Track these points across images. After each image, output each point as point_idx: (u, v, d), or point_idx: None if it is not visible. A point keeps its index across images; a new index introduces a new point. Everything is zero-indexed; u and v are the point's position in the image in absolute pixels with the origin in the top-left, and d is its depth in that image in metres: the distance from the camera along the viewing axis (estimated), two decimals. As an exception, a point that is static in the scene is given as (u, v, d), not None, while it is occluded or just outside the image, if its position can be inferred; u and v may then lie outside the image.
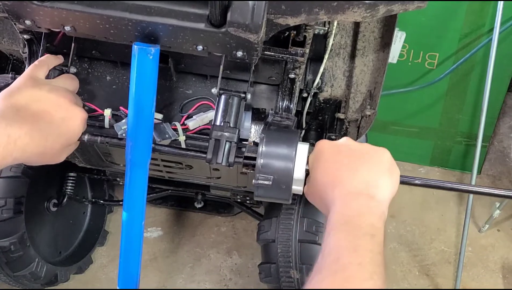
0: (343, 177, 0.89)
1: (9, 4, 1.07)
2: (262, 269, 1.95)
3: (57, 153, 1.04)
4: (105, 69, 1.43)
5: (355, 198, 0.86)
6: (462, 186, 1.03)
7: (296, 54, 1.28)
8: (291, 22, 1.09)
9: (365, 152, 0.92)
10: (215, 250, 2.58)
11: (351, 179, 0.88)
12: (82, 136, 1.26)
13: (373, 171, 0.90)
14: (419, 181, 0.98)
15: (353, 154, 0.91)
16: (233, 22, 1.02)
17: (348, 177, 0.88)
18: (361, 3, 1.04)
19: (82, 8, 1.06)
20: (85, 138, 1.27)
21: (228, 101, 1.23)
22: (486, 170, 3.09)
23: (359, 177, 0.89)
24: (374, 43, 1.53)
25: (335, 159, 0.91)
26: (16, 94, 0.99)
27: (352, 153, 0.92)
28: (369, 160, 0.91)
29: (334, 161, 0.91)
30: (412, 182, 0.98)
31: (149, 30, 1.09)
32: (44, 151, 0.98)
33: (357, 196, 0.86)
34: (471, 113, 2.87)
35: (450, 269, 2.63)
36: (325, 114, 1.70)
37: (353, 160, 0.91)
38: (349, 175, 0.89)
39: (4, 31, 1.55)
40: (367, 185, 0.88)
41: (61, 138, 1.02)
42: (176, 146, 1.31)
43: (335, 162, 0.91)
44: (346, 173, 0.89)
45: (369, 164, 0.90)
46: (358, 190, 0.87)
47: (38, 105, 0.99)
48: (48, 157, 1.02)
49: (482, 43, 2.58)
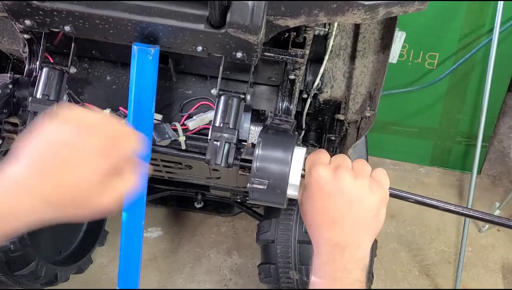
0: (329, 227, 0.91)
1: (9, 4, 1.07)
2: (261, 269, 1.95)
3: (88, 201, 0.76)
4: (105, 69, 1.43)
5: (341, 253, 0.89)
6: (457, 209, 1.01)
7: (296, 56, 1.28)
8: (291, 24, 1.09)
9: (355, 197, 0.91)
10: (215, 250, 2.58)
11: (337, 232, 0.90)
12: None
13: (358, 222, 0.91)
14: (412, 197, 0.98)
15: (342, 201, 0.90)
16: (232, 23, 1.02)
17: (335, 230, 0.90)
18: (361, 5, 1.04)
19: (82, 9, 1.06)
20: None
21: (228, 102, 1.23)
22: (486, 170, 3.08)
23: (345, 231, 0.90)
24: (374, 44, 1.53)
25: (325, 202, 0.91)
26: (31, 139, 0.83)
27: (342, 199, 0.90)
28: (357, 209, 0.90)
29: (324, 203, 0.91)
30: (407, 198, 0.97)
31: (149, 30, 1.09)
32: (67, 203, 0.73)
33: (343, 251, 0.89)
34: (471, 113, 2.87)
35: (450, 269, 2.63)
36: (325, 115, 1.70)
37: (341, 209, 0.90)
38: (335, 228, 0.90)
39: (4, 30, 1.55)
40: (352, 239, 0.90)
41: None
42: (176, 147, 1.31)
43: (324, 206, 0.91)
44: (332, 224, 0.91)
45: (356, 214, 0.91)
46: (344, 244, 0.89)
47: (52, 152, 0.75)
48: (78, 208, 0.77)
49: (482, 43, 2.58)
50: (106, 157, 0.72)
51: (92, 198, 0.73)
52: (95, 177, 0.72)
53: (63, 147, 0.70)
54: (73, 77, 1.35)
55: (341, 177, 0.90)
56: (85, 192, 0.72)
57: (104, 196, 0.74)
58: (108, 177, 0.73)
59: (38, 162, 0.69)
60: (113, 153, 0.73)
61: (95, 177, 0.72)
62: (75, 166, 0.70)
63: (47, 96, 1.24)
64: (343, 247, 0.89)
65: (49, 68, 1.25)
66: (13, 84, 1.31)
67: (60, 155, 0.70)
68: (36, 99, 1.23)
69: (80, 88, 1.41)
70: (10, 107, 1.31)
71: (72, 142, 0.70)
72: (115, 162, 0.74)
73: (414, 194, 0.96)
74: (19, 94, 1.32)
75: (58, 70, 1.26)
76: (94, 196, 0.73)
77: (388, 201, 0.94)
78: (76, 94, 1.37)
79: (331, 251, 0.89)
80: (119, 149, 0.74)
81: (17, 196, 0.69)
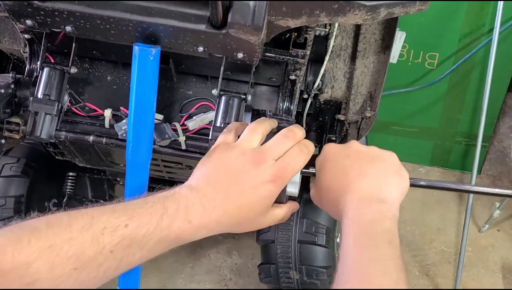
0: (353, 182, 0.88)
1: (10, 4, 1.07)
2: (261, 269, 1.95)
3: (253, 222, 0.88)
4: (106, 69, 1.43)
5: (368, 204, 0.85)
6: (464, 186, 1.03)
7: (297, 56, 1.28)
8: (292, 24, 1.09)
9: (373, 155, 0.91)
10: (215, 250, 2.58)
11: (361, 184, 0.87)
12: (88, 138, 1.27)
13: (382, 175, 0.89)
14: (425, 182, 0.98)
15: (361, 158, 0.90)
16: (234, 23, 1.02)
17: (358, 182, 0.87)
18: (362, 6, 1.04)
19: (83, 9, 1.06)
20: (90, 139, 1.28)
21: (229, 102, 1.23)
22: (486, 170, 3.09)
23: (369, 181, 0.88)
24: (375, 45, 1.53)
25: (343, 163, 0.90)
26: (207, 161, 0.89)
27: (360, 157, 0.90)
28: (378, 163, 0.90)
29: (343, 165, 0.90)
30: (418, 183, 0.98)
31: (150, 31, 1.09)
32: (238, 222, 0.86)
33: (369, 202, 0.85)
34: (471, 113, 2.87)
35: (450, 269, 2.63)
36: (325, 115, 1.70)
37: (362, 163, 0.89)
38: (358, 180, 0.87)
39: (5, 30, 1.55)
40: (377, 189, 0.87)
41: (254, 207, 0.86)
42: (176, 147, 1.31)
43: (344, 167, 0.90)
44: (355, 178, 0.88)
45: (377, 168, 0.89)
46: (369, 196, 0.86)
47: (226, 173, 0.85)
48: (245, 226, 0.88)
49: (482, 43, 2.58)
50: (276, 184, 0.85)
51: (260, 218, 0.87)
52: (267, 202, 0.86)
53: (243, 176, 0.84)
54: (74, 77, 1.35)
55: (354, 144, 0.94)
56: (257, 213, 0.86)
57: (266, 219, 0.89)
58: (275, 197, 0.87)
59: (223, 185, 0.83)
60: (282, 181, 0.86)
61: (267, 201, 0.86)
62: (252, 191, 0.84)
63: (48, 96, 1.24)
64: (368, 199, 0.86)
65: (50, 68, 1.25)
66: (15, 84, 1.31)
67: (241, 182, 0.84)
68: (37, 99, 1.23)
69: (81, 88, 1.41)
70: (12, 107, 1.31)
71: (250, 172, 0.84)
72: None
73: (422, 179, 0.97)
74: (21, 94, 1.32)
75: (59, 70, 1.26)
76: (261, 217, 0.87)
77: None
78: (77, 94, 1.37)
79: (357, 206, 0.85)
80: (287, 176, 0.87)
81: (208, 212, 0.81)
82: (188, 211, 0.80)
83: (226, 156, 0.87)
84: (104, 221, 0.74)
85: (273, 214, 0.89)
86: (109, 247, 0.73)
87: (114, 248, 0.73)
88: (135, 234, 0.75)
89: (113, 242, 0.73)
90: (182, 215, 0.79)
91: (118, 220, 0.75)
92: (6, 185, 1.86)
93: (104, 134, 1.30)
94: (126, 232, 0.74)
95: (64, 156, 1.66)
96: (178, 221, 0.79)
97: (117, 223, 0.75)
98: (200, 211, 0.81)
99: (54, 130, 1.25)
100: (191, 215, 0.80)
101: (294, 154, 0.88)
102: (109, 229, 0.74)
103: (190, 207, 0.80)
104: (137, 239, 0.75)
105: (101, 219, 0.74)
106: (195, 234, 0.82)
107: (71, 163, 1.74)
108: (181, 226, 0.79)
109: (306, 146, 0.91)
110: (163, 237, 0.78)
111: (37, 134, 1.23)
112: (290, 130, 0.91)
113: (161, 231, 0.77)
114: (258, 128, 0.91)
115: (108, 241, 0.73)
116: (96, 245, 0.72)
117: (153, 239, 0.77)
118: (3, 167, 1.87)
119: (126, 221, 0.75)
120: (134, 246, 0.75)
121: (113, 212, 0.76)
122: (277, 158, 0.87)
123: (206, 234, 0.83)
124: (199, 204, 0.81)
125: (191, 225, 0.80)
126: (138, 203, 0.79)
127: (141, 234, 0.76)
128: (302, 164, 0.89)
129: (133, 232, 0.75)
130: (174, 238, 0.79)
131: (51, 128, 1.25)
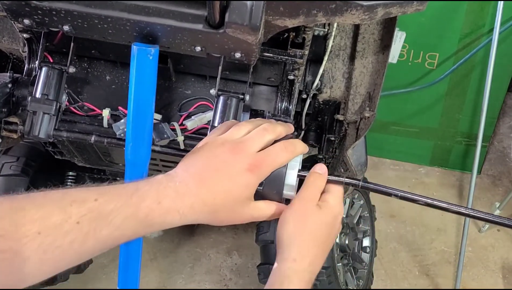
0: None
1: (8, 3, 1.07)
2: (261, 270, 1.95)
3: (231, 211, 0.87)
4: (104, 69, 1.43)
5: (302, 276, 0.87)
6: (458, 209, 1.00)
7: (295, 56, 1.28)
8: (290, 24, 1.09)
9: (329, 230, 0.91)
10: (215, 250, 2.58)
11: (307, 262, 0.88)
12: (90, 138, 1.27)
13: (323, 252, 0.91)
14: (422, 200, 0.96)
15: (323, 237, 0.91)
16: (231, 23, 1.02)
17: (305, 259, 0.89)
18: (359, 6, 1.04)
19: (81, 8, 1.06)
20: (92, 140, 1.28)
21: (227, 102, 1.23)
22: (486, 170, 3.09)
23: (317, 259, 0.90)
24: (374, 45, 1.53)
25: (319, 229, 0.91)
26: (189, 153, 0.90)
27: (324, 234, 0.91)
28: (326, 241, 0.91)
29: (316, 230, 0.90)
30: (415, 200, 0.96)
31: (147, 30, 1.09)
32: (214, 209, 0.85)
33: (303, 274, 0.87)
34: (471, 113, 2.87)
35: (450, 269, 2.63)
36: (324, 115, 1.70)
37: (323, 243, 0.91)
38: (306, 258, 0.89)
39: (4, 30, 1.55)
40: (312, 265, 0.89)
41: (230, 195, 0.85)
42: (174, 146, 1.31)
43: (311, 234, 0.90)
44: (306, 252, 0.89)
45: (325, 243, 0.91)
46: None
47: (203, 161, 0.86)
48: (223, 216, 0.87)
49: (482, 43, 2.58)
50: (254, 174, 0.85)
51: (238, 208, 0.85)
52: (245, 191, 0.85)
53: (220, 163, 0.84)
54: (72, 76, 1.35)
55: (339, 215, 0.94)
56: (234, 202, 0.84)
57: (246, 211, 0.86)
58: (255, 189, 0.86)
59: (199, 171, 0.83)
60: (260, 172, 0.86)
61: (245, 190, 0.85)
62: (228, 178, 0.83)
63: (47, 95, 1.24)
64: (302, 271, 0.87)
65: (48, 67, 1.25)
66: (12, 83, 1.31)
67: (217, 169, 0.83)
68: (36, 99, 1.23)
69: (80, 87, 1.41)
70: (10, 106, 1.32)
71: (227, 159, 0.84)
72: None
73: (423, 196, 0.95)
74: (19, 93, 1.32)
75: (58, 70, 1.26)
76: (240, 207, 0.86)
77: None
78: (76, 93, 1.37)
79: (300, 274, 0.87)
80: (266, 168, 0.86)
81: (180, 196, 0.81)
82: (160, 193, 0.79)
83: (207, 147, 0.87)
84: (74, 195, 0.75)
85: (255, 206, 0.88)
86: (76, 218, 0.73)
87: (81, 219, 0.73)
88: (103, 208, 0.75)
89: (80, 213, 0.73)
90: (153, 195, 0.79)
91: (88, 194, 0.75)
92: (6, 184, 1.86)
93: (102, 134, 1.30)
94: (94, 205, 0.74)
95: (63, 155, 1.66)
96: (147, 200, 0.78)
97: (87, 196, 0.75)
98: (172, 194, 0.80)
99: (52, 130, 1.25)
100: (161, 196, 0.79)
101: (276, 149, 0.88)
102: (78, 201, 0.74)
103: (162, 190, 0.80)
104: (104, 213, 0.75)
105: (72, 193, 0.75)
106: (165, 217, 0.80)
107: (71, 162, 1.74)
108: (150, 206, 0.78)
109: (294, 144, 0.91)
110: (131, 214, 0.77)
111: (35, 134, 1.23)
112: (270, 124, 0.92)
113: (129, 207, 0.77)
114: (245, 124, 0.92)
115: (76, 212, 0.73)
116: (63, 214, 0.72)
117: (121, 215, 0.76)
118: (3, 166, 1.87)
119: (96, 196, 0.75)
120: (101, 220, 0.75)
121: (87, 190, 0.77)
122: (258, 150, 0.87)
123: (179, 221, 0.82)
124: (172, 188, 0.81)
125: (161, 206, 0.79)
126: (113, 184, 0.80)
127: (109, 209, 0.75)
128: (283, 161, 0.89)
129: (101, 205, 0.75)
130: (142, 218, 0.78)
131: (49, 128, 1.25)
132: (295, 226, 0.88)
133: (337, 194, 0.93)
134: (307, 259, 0.86)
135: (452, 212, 0.93)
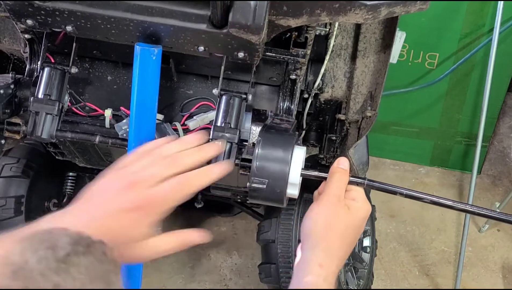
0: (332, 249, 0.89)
1: (11, 4, 1.07)
2: (262, 269, 1.95)
3: (124, 253, 0.82)
4: (106, 69, 1.43)
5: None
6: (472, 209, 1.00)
7: (298, 55, 1.28)
8: (293, 24, 1.09)
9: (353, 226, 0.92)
10: (215, 250, 2.58)
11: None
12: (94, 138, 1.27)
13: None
14: (427, 198, 0.97)
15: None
16: (234, 23, 1.02)
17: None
18: (363, 5, 1.04)
19: (84, 8, 1.06)
20: (96, 140, 1.27)
21: (229, 102, 1.23)
22: (486, 170, 3.09)
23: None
24: (375, 44, 1.53)
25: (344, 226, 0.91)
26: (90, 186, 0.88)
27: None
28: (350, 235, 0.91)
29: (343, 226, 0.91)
30: (420, 198, 0.97)
31: (150, 30, 1.09)
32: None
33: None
34: (471, 113, 2.87)
35: (450, 269, 2.63)
36: (325, 115, 1.70)
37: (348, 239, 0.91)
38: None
39: (5, 30, 1.55)
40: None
41: (115, 234, 0.80)
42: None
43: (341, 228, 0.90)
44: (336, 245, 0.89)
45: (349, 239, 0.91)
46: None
47: (99, 200, 0.83)
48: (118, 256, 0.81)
49: (482, 43, 2.58)
50: (125, 195, 0.80)
51: (130, 249, 0.80)
52: (117, 206, 0.79)
53: (98, 187, 0.81)
54: (74, 77, 1.35)
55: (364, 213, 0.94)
56: (121, 242, 0.78)
57: (140, 250, 0.82)
58: (146, 228, 0.81)
59: (91, 208, 0.79)
60: (152, 210, 0.82)
61: (117, 206, 0.79)
62: (113, 219, 0.78)
63: (49, 96, 1.23)
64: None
65: (50, 68, 1.25)
66: (15, 84, 1.31)
67: (95, 193, 0.81)
68: (38, 99, 1.23)
69: (82, 88, 1.41)
70: (12, 107, 1.31)
71: (115, 199, 0.80)
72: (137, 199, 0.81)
73: (428, 194, 0.96)
74: (21, 94, 1.32)
75: (60, 70, 1.25)
76: (132, 248, 0.81)
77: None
78: (78, 94, 1.37)
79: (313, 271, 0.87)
80: (160, 207, 0.83)
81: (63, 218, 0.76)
82: (55, 215, 0.76)
83: (104, 182, 0.83)
84: None
85: (153, 245, 0.84)
86: None
87: None
88: None
89: None
90: (50, 217, 0.75)
91: None
92: (6, 185, 1.85)
93: (105, 134, 1.30)
94: None
95: (64, 156, 1.66)
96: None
97: None
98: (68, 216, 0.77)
99: (55, 130, 1.25)
100: (57, 217, 0.76)
101: (169, 185, 0.83)
102: None
103: (58, 214, 0.77)
104: None
105: None
106: None
107: (71, 163, 1.74)
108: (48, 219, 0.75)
109: (189, 181, 0.87)
110: None
111: (38, 134, 1.23)
112: (181, 154, 0.88)
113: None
114: (157, 155, 0.87)
115: None
116: None
117: None
118: (3, 167, 1.87)
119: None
120: None
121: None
122: (157, 185, 0.82)
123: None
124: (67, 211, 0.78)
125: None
126: None
127: None
128: (175, 201, 0.85)
129: None
130: None
131: (51, 128, 1.24)
132: (326, 225, 0.88)
133: (362, 194, 0.93)
134: (334, 264, 0.86)
135: (457, 210, 0.93)
